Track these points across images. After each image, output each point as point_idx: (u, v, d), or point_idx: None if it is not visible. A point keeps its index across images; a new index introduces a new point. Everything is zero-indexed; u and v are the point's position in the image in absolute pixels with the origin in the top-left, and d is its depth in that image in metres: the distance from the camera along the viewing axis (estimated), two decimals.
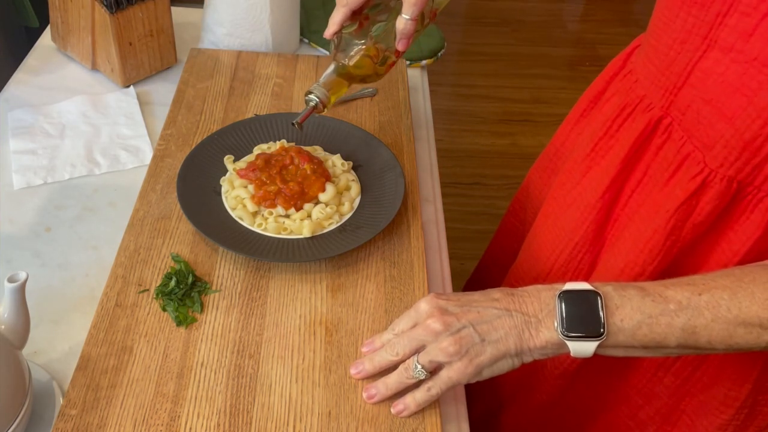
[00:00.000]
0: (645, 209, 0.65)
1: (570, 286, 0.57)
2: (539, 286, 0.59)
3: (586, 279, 0.72)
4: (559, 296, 0.57)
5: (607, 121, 0.70)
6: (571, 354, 0.56)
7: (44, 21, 1.09)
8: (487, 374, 0.58)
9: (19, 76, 1.03)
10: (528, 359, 0.58)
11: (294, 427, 0.60)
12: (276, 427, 0.60)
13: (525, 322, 0.57)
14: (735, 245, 0.60)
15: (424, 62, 1.12)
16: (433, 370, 0.60)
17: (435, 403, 0.62)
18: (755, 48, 0.53)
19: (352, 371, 0.64)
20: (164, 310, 0.68)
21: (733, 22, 0.54)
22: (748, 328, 0.53)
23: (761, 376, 0.65)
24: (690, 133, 0.61)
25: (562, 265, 0.75)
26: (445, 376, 0.58)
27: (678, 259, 0.64)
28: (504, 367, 0.58)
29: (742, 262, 0.60)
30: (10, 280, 0.55)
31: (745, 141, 0.55)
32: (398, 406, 0.61)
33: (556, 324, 0.56)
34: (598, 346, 0.55)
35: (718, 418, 0.68)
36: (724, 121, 0.57)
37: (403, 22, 0.70)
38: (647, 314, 0.54)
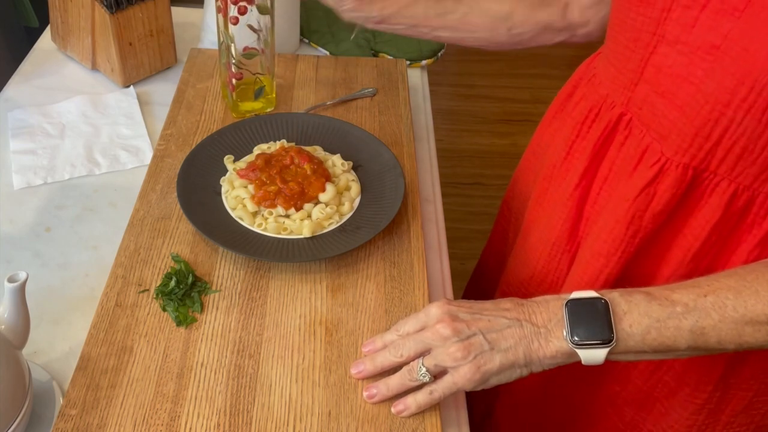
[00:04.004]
0: (612, 203, 0.66)
1: (577, 294, 0.57)
2: (548, 297, 0.60)
3: (564, 279, 0.73)
4: (566, 305, 0.57)
5: (577, 124, 0.71)
6: (582, 362, 0.56)
7: (44, 21, 1.09)
8: (494, 382, 0.58)
9: (19, 76, 1.03)
10: (537, 369, 0.58)
11: (294, 427, 0.60)
12: (276, 427, 0.60)
13: (534, 333, 0.57)
14: (695, 230, 0.61)
15: (424, 62, 1.12)
16: (437, 375, 0.60)
17: (435, 405, 0.62)
18: (698, 38, 0.55)
19: (353, 371, 0.64)
20: (164, 310, 0.68)
21: (676, 15, 0.56)
22: (756, 326, 0.53)
23: (732, 358, 0.65)
24: (648, 126, 0.62)
25: (543, 267, 0.76)
26: (450, 380, 0.58)
27: (642, 249, 0.65)
28: (512, 375, 0.58)
29: (704, 246, 0.61)
30: (10, 280, 0.55)
31: (696, 127, 0.57)
32: (398, 405, 0.61)
33: (565, 333, 0.56)
34: (609, 353, 0.56)
35: (692, 403, 0.69)
36: (676, 110, 0.59)
37: None
38: (655, 318, 0.55)
